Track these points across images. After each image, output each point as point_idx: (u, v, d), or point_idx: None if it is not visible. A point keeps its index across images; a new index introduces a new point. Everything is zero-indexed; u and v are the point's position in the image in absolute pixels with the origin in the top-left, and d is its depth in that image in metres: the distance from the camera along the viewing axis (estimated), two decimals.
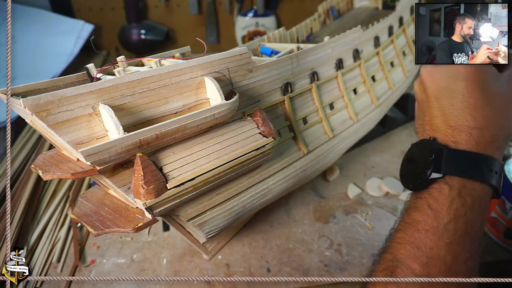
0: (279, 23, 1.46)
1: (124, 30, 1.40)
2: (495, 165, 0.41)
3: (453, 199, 0.40)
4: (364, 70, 0.78)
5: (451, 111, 0.44)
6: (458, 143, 0.42)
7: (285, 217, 0.73)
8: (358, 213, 0.73)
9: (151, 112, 0.43)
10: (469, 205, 0.40)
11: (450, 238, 0.39)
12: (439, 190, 0.41)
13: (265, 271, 0.62)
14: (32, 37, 1.23)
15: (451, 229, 0.39)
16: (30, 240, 0.68)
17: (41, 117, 0.36)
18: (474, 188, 0.41)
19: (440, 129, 0.45)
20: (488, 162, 0.41)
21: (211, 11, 1.43)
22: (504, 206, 0.62)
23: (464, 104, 0.43)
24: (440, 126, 0.45)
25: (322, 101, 0.69)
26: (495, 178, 0.41)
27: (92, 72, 0.48)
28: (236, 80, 0.52)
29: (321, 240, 0.68)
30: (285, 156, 0.61)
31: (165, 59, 0.52)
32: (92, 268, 0.64)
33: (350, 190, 0.79)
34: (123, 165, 0.45)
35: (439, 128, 0.45)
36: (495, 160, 0.42)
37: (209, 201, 0.52)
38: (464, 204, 0.40)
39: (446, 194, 0.41)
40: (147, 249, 0.67)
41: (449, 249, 0.38)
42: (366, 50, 0.79)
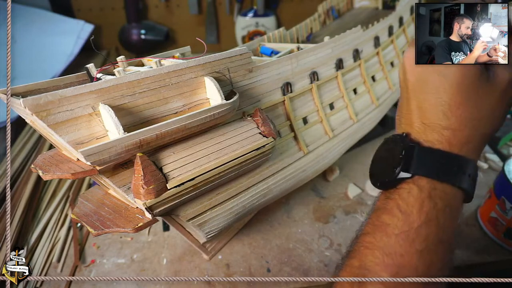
0: (279, 23, 1.46)
1: (124, 30, 1.40)
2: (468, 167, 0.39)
3: (423, 202, 0.37)
4: (364, 70, 0.78)
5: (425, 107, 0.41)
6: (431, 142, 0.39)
7: (285, 217, 0.73)
8: (358, 213, 0.73)
9: (151, 112, 0.43)
10: (440, 208, 0.37)
11: (422, 245, 0.36)
12: (408, 191, 0.39)
13: (265, 271, 0.62)
14: (32, 37, 1.23)
15: (422, 234, 0.36)
16: (30, 240, 0.68)
17: (41, 117, 0.36)
18: (445, 191, 0.38)
19: (414, 124, 0.42)
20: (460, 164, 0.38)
21: (211, 11, 1.43)
22: (504, 206, 0.62)
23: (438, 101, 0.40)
24: (414, 121, 0.42)
25: (322, 101, 0.69)
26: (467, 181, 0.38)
27: (92, 72, 0.48)
28: (236, 80, 0.52)
29: (321, 240, 0.68)
30: (285, 156, 0.61)
31: (165, 59, 0.52)
32: (92, 268, 0.64)
33: (350, 190, 0.79)
34: (123, 165, 0.45)
35: (413, 123, 0.42)
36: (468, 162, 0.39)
37: (209, 201, 0.52)
38: (434, 207, 0.37)
39: (416, 196, 0.38)
40: (147, 249, 0.67)
41: (421, 257, 0.36)
42: (366, 50, 0.79)
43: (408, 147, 0.40)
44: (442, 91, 0.40)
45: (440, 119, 0.40)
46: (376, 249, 0.37)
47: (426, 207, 0.37)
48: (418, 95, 0.42)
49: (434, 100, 0.40)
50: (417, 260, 0.36)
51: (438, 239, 0.37)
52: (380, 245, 0.37)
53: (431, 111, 0.40)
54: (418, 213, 0.37)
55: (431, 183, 0.38)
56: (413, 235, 0.36)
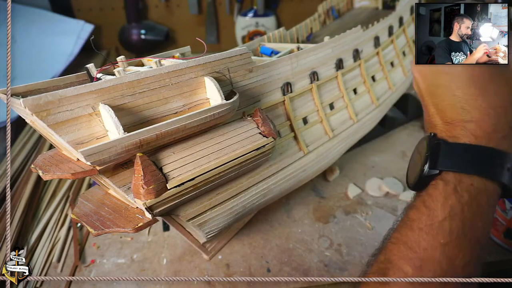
0: (279, 23, 1.46)
1: (124, 30, 1.40)
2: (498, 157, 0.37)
3: (448, 195, 0.37)
4: (364, 70, 0.78)
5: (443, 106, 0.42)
6: (456, 138, 0.39)
7: (285, 217, 0.73)
8: (358, 213, 0.73)
9: (151, 112, 0.43)
10: (466, 202, 0.36)
11: (445, 238, 0.36)
12: (435, 186, 0.39)
13: (265, 271, 0.62)
14: (32, 37, 1.22)
15: (446, 228, 0.36)
16: (30, 240, 0.68)
17: (41, 117, 0.36)
18: (473, 184, 0.37)
19: (437, 126, 0.42)
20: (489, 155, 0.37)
21: (211, 11, 1.43)
22: (504, 206, 0.62)
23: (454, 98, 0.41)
24: (437, 123, 0.43)
25: (322, 101, 0.69)
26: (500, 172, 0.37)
27: (92, 72, 0.48)
28: (236, 80, 0.52)
29: (321, 240, 0.68)
30: (285, 156, 0.61)
31: (165, 59, 0.52)
32: (92, 268, 0.64)
33: (350, 190, 0.79)
34: (123, 165, 0.45)
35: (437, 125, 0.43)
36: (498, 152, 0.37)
37: (209, 201, 0.52)
38: (460, 200, 0.37)
39: (441, 190, 0.38)
40: (147, 249, 0.67)
41: (445, 251, 0.35)
42: (366, 50, 0.79)
43: (433, 145, 0.40)
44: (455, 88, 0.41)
45: (460, 114, 0.40)
46: (401, 244, 0.38)
47: (451, 200, 0.37)
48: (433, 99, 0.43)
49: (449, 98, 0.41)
50: (440, 253, 0.35)
51: (463, 234, 0.36)
52: (404, 240, 0.38)
53: (450, 110, 0.41)
54: (442, 206, 0.37)
55: (457, 177, 0.38)
56: (436, 228, 0.36)
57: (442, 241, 0.36)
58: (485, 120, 0.39)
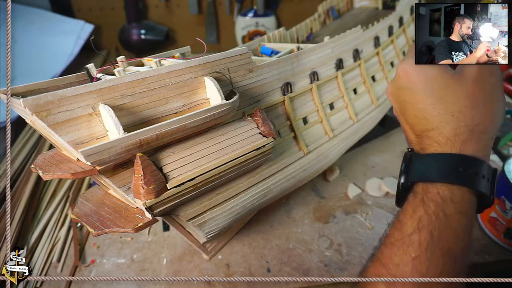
0: (279, 23, 1.46)
1: (124, 30, 1.40)
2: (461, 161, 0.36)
3: (416, 207, 0.37)
4: (364, 70, 0.78)
5: (411, 121, 0.43)
6: (425, 149, 0.40)
7: (285, 217, 0.73)
8: (358, 213, 0.73)
9: (151, 112, 0.43)
10: (433, 212, 0.36)
11: (416, 252, 0.35)
12: (407, 199, 0.39)
13: (265, 271, 0.62)
14: (32, 37, 1.22)
15: (415, 241, 0.35)
16: (30, 240, 0.68)
17: (41, 117, 0.36)
18: (439, 192, 0.36)
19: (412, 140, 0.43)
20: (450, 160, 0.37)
21: (211, 11, 1.43)
22: (504, 206, 0.62)
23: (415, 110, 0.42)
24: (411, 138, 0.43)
25: (322, 101, 0.69)
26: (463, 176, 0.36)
27: (92, 72, 0.48)
28: (236, 80, 0.52)
29: (321, 240, 0.68)
30: (285, 156, 0.61)
31: (165, 59, 0.52)
32: (92, 268, 0.64)
33: (350, 190, 0.79)
34: (123, 165, 0.45)
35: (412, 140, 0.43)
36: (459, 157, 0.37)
37: (209, 201, 0.52)
38: (427, 211, 0.36)
39: (410, 202, 0.38)
40: (147, 249, 0.67)
41: (415, 265, 0.34)
42: (366, 50, 0.79)
43: (407, 159, 0.41)
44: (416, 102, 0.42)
45: (424, 124, 0.41)
46: (377, 261, 0.38)
47: (419, 212, 0.36)
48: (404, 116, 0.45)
49: (414, 112, 0.42)
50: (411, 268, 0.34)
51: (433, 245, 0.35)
52: (379, 256, 0.38)
53: (416, 122, 0.42)
54: (411, 219, 0.37)
55: (424, 187, 0.38)
56: (407, 242, 0.36)
57: (413, 254, 0.35)
58: (444, 126, 0.39)
